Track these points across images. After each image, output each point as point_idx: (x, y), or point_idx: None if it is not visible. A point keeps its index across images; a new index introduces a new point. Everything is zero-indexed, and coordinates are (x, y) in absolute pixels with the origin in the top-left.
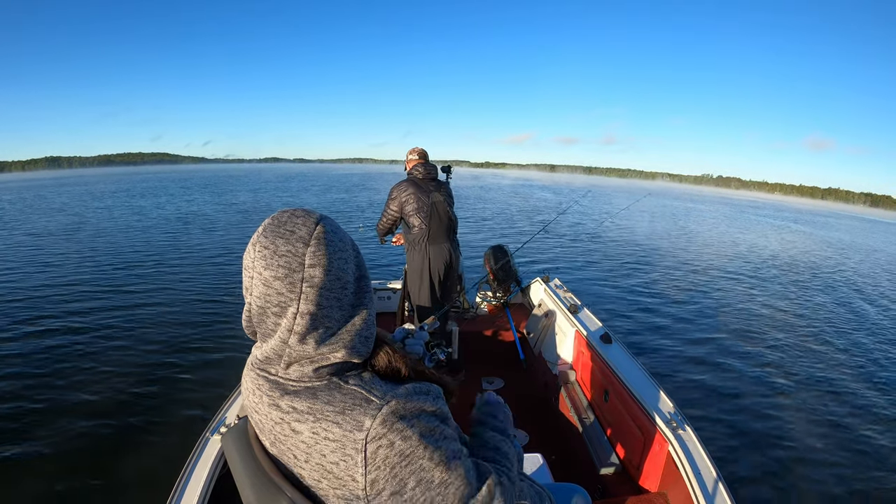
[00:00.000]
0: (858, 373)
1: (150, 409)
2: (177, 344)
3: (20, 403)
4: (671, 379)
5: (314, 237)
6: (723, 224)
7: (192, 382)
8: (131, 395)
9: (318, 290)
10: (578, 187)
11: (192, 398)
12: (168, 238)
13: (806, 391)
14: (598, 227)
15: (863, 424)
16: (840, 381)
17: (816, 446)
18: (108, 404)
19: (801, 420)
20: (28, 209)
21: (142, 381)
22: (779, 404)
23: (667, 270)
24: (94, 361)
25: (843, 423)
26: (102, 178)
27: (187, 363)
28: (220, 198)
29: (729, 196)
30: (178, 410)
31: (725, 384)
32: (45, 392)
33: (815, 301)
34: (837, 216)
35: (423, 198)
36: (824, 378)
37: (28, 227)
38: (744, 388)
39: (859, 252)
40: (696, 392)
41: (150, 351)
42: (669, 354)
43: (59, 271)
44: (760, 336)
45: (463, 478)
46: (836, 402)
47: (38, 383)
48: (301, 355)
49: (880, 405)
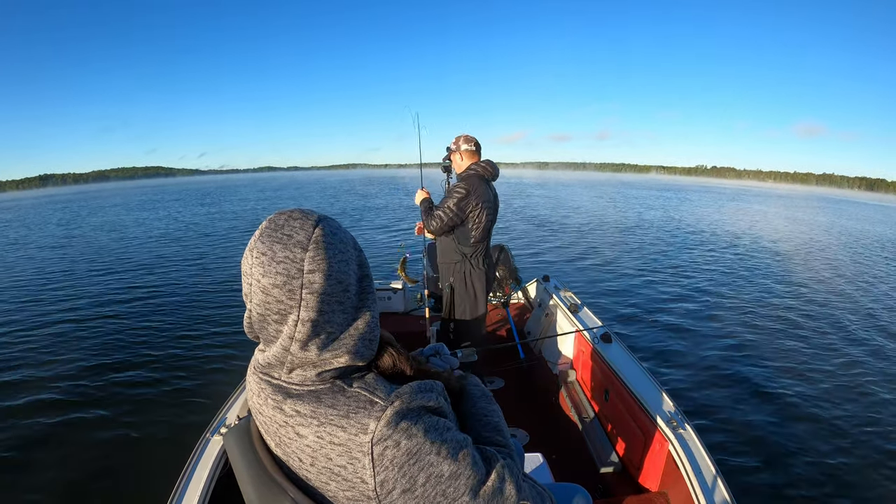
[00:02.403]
0: (860, 372)
1: (151, 410)
2: (177, 344)
3: (20, 403)
4: (671, 378)
5: (313, 241)
6: (724, 217)
7: (193, 383)
8: (131, 396)
9: (318, 295)
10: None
11: (193, 398)
12: (169, 243)
13: (807, 390)
14: (598, 227)
15: (863, 424)
16: (841, 380)
17: (817, 446)
18: (109, 404)
19: (801, 419)
20: (31, 225)
21: (142, 382)
22: (779, 404)
23: (667, 270)
24: (95, 362)
25: (844, 422)
26: (97, 193)
27: (188, 363)
28: (218, 207)
29: (725, 186)
30: (178, 410)
31: (726, 383)
32: (45, 391)
33: (819, 300)
34: (839, 202)
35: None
36: (825, 377)
37: (32, 239)
38: (744, 388)
39: (869, 241)
40: (696, 392)
41: (150, 351)
42: (669, 354)
43: (63, 275)
44: (762, 335)
45: (471, 467)
46: (837, 401)
47: (39, 383)
48: (303, 361)
49: (882, 405)
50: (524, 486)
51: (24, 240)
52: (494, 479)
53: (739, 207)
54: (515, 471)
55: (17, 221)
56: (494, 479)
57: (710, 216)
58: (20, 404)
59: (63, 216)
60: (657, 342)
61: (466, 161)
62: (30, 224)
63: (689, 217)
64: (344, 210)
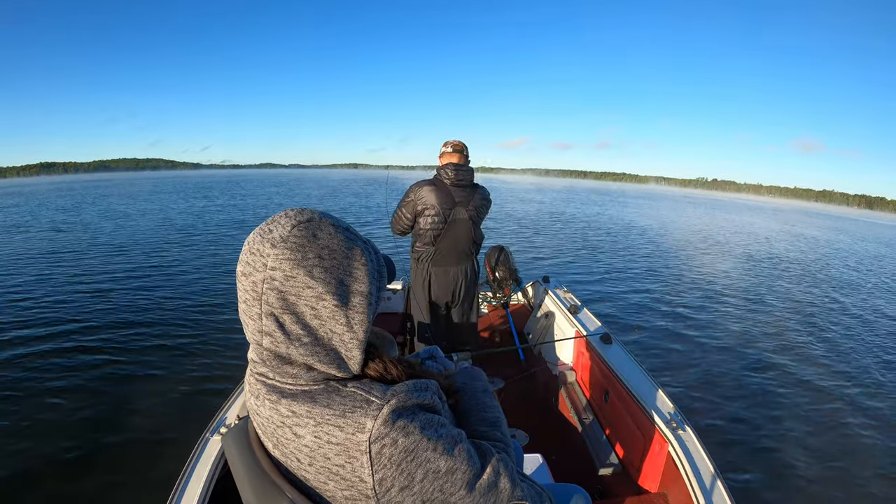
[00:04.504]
0: (861, 373)
1: (150, 409)
2: (177, 344)
3: (20, 403)
4: (671, 379)
5: (282, 239)
6: (723, 226)
7: (193, 382)
8: (131, 396)
9: (279, 293)
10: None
11: (192, 398)
12: (170, 238)
13: (807, 391)
14: (599, 227)
15: (864, 424)
16: (842, 380)
17: (817, 446)
18: (108, 404)
19: (802, 420)
20: (34, 212)
21: (142, 382)
22: (780, 404)
23: (667, 271)
24: (95, 361)
25: (845, 422)
26: (100, 182)
27: (187, 363)
28: (212, 202)
29: (726, 199)
30: (177, 410)
31: (726, 384)
32: (46, 392)
33: (820, 303)
34: (839, 218)
35: (442, 209)
36: (826, 378)
37: (31, 229)
38: (744, 388)
39: (867, 256)
40: (696, 392)
41: (150, 351)
42: (669, 354)
43: (60, 270)
44: (762, 336)
45: (467, 462)
46: (837, 402)
47: (38, 383)
48: (275, 356)
49: (882, 405)
50: (522, 485)
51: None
52: (490, 473)
53: (742, 219)
54: (510, 464)
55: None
56: (490, 472)
57: (711, 225)
58: (18, 404)
59: (64, 205)
60: (657, 343)
61: (442, 163)
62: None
63: (690, 224)
64: (344, 209)
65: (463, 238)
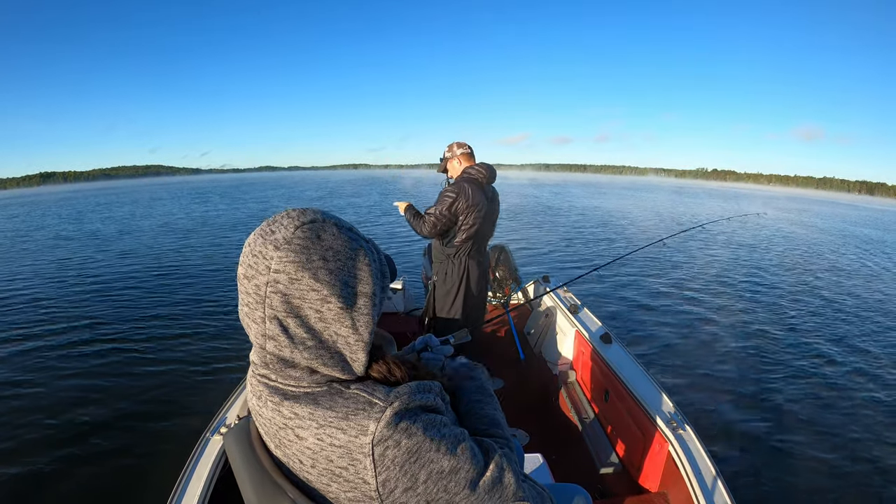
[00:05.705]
0: (862, 373)
1: (151, 409)
2: (177, 344)
3: (20, 403)
4: (671, 379)
5: (286, 241)
6: (726, 218)
7: (193, 382)
8: (132, 395)
9: (283, 296)
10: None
11: (193, 398)
12: (170, 242)
13: (807, 391)
14: (599, 228)
15: (864, 424)
16: (842, 380)
17: (817, 446)
18: (108, 404)
19: (802, 420)
20: (32, 223)
21: (142, 381)
22: (780, 404)
23: (667, 271)
24: (95, 361)
25: (845, 422)
26: (101, 190)
27: (188, 363)
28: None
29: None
30: (178, 410)
31: (726, 384)
32: (45, 392)
33: (820, 302)
34: (840, 205)
35: (485, 205)
36: (826, 377)
37: (32, 237)
38: (745, 389)
39: (869, 242)
40: (696, 392)
41: (150, 350)
42: (669, 354)
43: (60, 271)
44: (762, 336)
45: (470, 460)
46: (838, 401)
47: (38, 383)
48: (279, 359)
49: (882, 405)
50: (524, 485)
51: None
52: (493, 470)
53: (742, 209)
54: (513, 460)
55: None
56: (493, 469)
57: (711, 217)
58: (18, 405)
59: (62, 216)
60: (657, 342)
61: (463, 165)
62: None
63: (690, 218)
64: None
65: (490, 231)
